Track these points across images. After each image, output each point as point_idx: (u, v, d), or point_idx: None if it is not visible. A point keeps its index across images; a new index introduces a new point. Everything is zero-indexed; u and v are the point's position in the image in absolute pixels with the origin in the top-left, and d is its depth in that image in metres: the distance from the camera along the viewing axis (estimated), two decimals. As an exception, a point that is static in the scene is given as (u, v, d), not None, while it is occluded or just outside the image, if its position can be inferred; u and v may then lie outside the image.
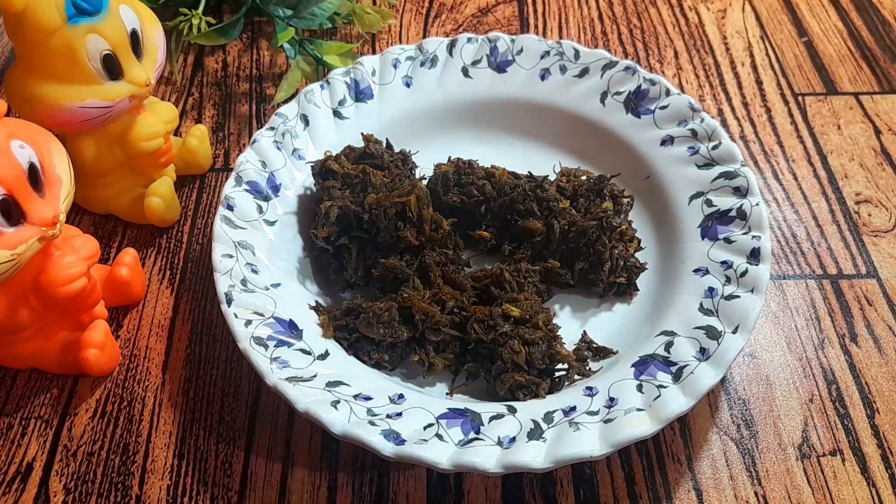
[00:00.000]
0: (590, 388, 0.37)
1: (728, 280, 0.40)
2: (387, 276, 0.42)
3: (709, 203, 0.44)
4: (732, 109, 0.57)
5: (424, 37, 0.64)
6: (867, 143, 0.55)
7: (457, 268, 0.42)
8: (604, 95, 0.51)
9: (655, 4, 0.67)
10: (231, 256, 0.41)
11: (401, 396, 0.37)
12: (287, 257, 0.44)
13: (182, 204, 0.51)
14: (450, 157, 0.48)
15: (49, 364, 0.42)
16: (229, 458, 0.39)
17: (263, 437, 0.40)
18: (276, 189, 0.46)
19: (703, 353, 0.37)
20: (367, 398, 0.37)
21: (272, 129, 0.48)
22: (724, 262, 0.41)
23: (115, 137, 0.45)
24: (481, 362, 0.40)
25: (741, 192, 0.44)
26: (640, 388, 0.37)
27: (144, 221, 0.49)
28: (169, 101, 0.58)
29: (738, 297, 0.39)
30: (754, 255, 0.41)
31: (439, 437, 0.35)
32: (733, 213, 0.43)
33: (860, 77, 0.59)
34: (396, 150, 0.48)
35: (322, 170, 0.46)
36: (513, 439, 0.35)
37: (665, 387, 0.36)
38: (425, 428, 0.35)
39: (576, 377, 0.40)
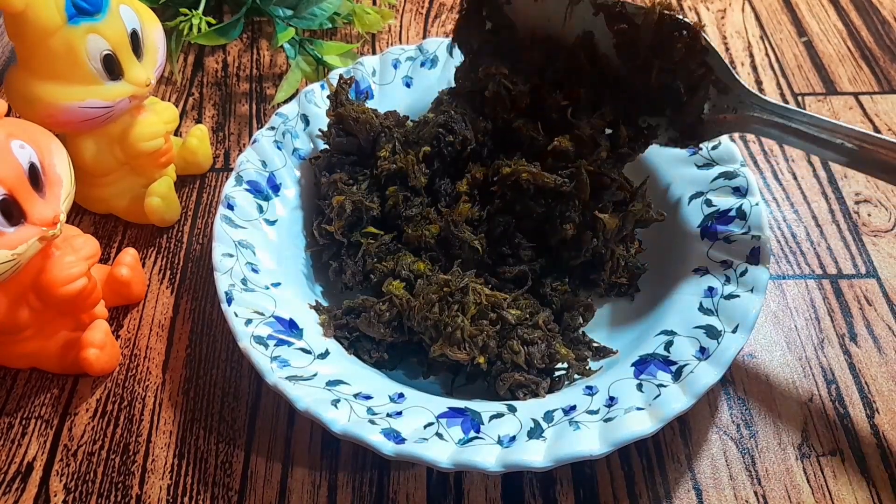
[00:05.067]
0: (590, 388, 0.37)
1: (728, 280, 0.40)
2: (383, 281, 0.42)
3: (708, 203, 0.44)
4: (732, 109, 0.57)
5: (424, 37, 0.64)
6: (867, 143, 0.55)
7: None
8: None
9: (655, 5, 0.67)
10: (231, 256, 0.41)
11: (401, 395, 0.37)
12: (287, 257, 0.44)
13: (182, 204, 0.51)
14: None
15: (49, 364, 0.42)
16: (229, 458, 0.39)
17: (263, 436, 0.40)
18: (276, 189, 0.46)
19: (703, 353, 0.37)
20: (368, 397, 0.37)
21: (272, 128, 0.48)
22: (723, 262, 0.41)
23: (116, 137, 0.46)
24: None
25: (741, 192, 0.44)
26: (639, 387, 0.37)
27: (145, 221, 0.49)
28: (169, 101, 0.58)
29: (737, 296, 0.39)
30: (754, 255, 0.41)
31: (439, 436, 0.35)
32: (733, 213, 0.43)
33: (860, 77, 0.59)
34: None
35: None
36: (513, 438, 0.35)
37: (665, 386, 0.36)
38: (425, 427, 0.35)
39: (575, 376, 0.40)
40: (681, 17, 0.39)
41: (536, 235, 0.42)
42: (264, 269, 0.42)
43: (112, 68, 0.42)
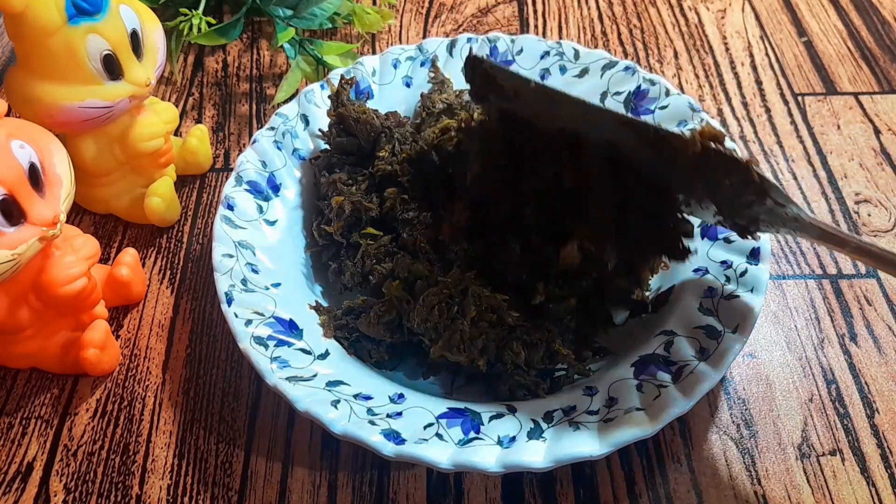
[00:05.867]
0: (589, 388, 0.37)
1: (728, 280, 0.40)
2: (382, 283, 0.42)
3: (709, 203, 0.44)
4: (732, 109, 0.57)
5: (424, 37, 0.64)
6: (867, 143, 0.55)
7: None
8: (603, 95, 0.51)
9: (655, 4, 0.67)
10: (231, 256, 0.41)
11: (401, 396, 0.37)
12: (287, 257, 0.44)
13: (182, 204, 0.51)
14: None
15: (49, 364, 0.42)
16: (229, 458, 0.39)
17: (263, 436, 0.40)
18: (276, 189, 0.46)
19: (703, 353, 0.37)
20: (368, 398, 0.37)
21: (272, 128, 0.48)
22: (723, 262, 0.41)
23: (116, 137, 0.46)
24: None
25: (741, 192, 0.44)
26: (639, 387, 0.37)
27: (145, 221, 0.49)
28: (169, 101, 0.58)
29: (737, 296, 0.39)
30: (754, 255, 0.41)
31: (439, 436, 0.35)
32: (733, 213, 0.43)
33: (860, 77, 0.59)
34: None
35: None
36: (513, 439, 0.35)
37: (665, 386, 0.36)
38: (425, 427, 0.35)
39: (575, 377, 0.40)
40: (728, 150, 0.31)
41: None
42: (264, 269, 0.42)
43: (112, 68, 0.42)
